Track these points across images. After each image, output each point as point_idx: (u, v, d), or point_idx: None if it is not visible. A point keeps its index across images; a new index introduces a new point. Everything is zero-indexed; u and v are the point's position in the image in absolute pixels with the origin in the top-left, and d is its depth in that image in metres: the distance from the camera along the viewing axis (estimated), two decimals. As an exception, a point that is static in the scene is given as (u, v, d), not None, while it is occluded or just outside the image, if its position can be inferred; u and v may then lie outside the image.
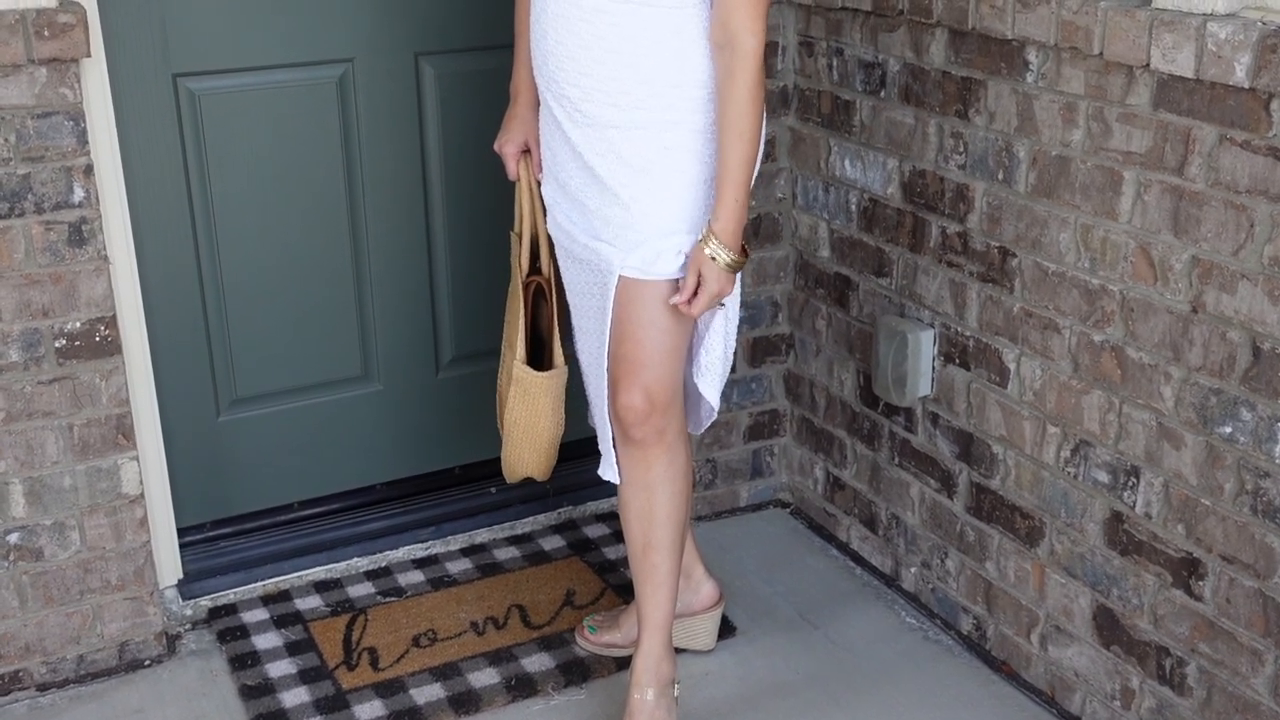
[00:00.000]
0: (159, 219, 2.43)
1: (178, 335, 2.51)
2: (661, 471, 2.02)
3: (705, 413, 2.14)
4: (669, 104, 1.86)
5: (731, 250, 1.86)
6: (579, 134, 1.91)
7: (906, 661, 2.37)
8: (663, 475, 2.02)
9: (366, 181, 2.58)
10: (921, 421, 2.43)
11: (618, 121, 1.87)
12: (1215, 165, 1.79)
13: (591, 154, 1.91)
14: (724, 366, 2.06)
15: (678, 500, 2.05)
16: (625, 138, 1.88)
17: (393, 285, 2.66)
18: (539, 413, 2.12)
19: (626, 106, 1.86)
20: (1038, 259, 2.11)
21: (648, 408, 1.96)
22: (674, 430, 2.02)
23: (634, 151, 1.88)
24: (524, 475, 2.22)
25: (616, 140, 1.89)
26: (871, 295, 2.51)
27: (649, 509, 2.04)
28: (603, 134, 1.89)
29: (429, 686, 2.29)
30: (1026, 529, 2.23)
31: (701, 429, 2.17)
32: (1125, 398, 2.00)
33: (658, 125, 1.87)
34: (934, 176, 2.30)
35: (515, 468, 2.20)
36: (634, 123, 1.87)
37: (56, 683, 2.33)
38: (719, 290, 1.88)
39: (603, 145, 1.90)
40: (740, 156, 1.83)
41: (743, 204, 1.86)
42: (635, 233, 1.91)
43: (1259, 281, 1.76)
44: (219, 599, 2.54)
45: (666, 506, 2.04)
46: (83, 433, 2.25)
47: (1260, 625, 1.85)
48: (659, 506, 2.03)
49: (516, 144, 2.14)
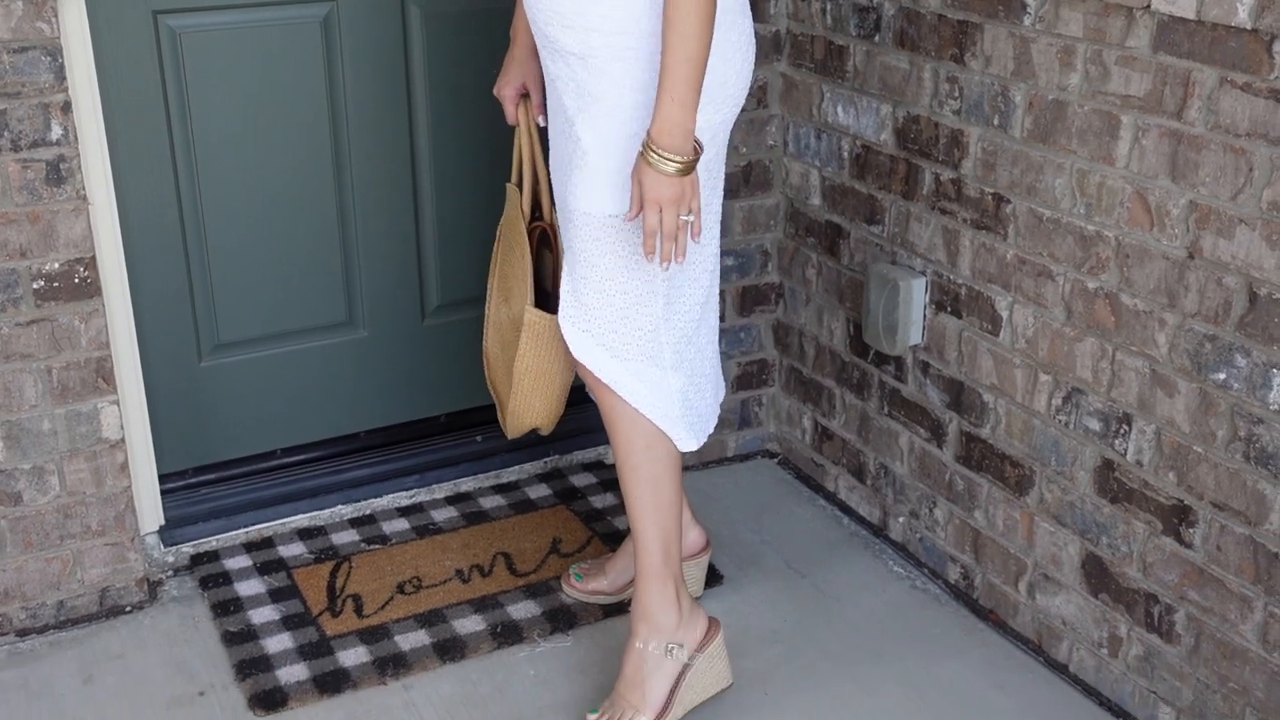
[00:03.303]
0: (139, 159, 2.39)
1: (159, 278, 2.47)
2: (609, 421, 1.99)
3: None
4: (620, 28, 1.76)
5: (668, 152, 1.73)
6: (551, 66, 1.87)
7: (893, 610, 2.37)
8: (609, 424, 2.00)
9: (351, 123, 2.54)
10: (912, 370, 2.42)
11: (575, 48, 1.80)
12: (1215, 108, 1.77)
13: (561, 83, 1.86)
14: (644, 349, 1.94)
15: (626, 450, 1.99)
16: (583, 65, 1.81)
17: (378, 230, 2.63)
18: (551, 358, 2.08)
19: (580, 29, 1.78)
20: (1032, 205, 2.09)
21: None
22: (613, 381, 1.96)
23: (590, 79, 1.81)
24: (530, 427, 2.18)
25: (577, 69, 1.82)
26: (863, 243, 2.49)
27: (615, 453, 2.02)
28: (567, 62, 1.83)
29: (414, 633, 2.27)
30: (1016, 478, 2.22)
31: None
32: (1118, 345, 1.98)
33: (612, 51, 1.78)
34: (928, 122, 2.27)
35: (523, 418, 2.16)
36: (589, 48, 1.79)
37: (36, 628, 2.30)
38: (656, 196, 1.75)
39: (567, 73, 1.84)
40: (679, 55, 1.70)
41: (682, 106, 1.72)
42: (585, 161, 1.84)
43: (1257, 226, 1.74)
44: (201, 545, 2.51)
45: (619, 454, 2.01)
46: (62, 376, 2.21)
47: (1250, 572, 1.85)
48: (616, 452, 2.02)
49: (514, 87, 2.09)
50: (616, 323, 1.93)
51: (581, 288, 1.92)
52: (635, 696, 2.01)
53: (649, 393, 1.96)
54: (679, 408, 1.99)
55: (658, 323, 1.94)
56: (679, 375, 1.99)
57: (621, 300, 1.91)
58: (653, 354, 1.95)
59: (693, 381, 2.02)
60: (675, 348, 1.97)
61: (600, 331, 1.93)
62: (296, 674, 2.17)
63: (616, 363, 1.94)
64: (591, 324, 1.93)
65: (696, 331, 2.01)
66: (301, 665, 2.19)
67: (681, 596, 2.03)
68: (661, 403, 1.97)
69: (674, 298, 1.95)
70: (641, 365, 1.95)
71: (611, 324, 1.93)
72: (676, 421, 1.99)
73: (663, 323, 1.94)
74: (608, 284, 1.90)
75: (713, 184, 1.96)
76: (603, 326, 1.93)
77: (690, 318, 1.99)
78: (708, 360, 2.07)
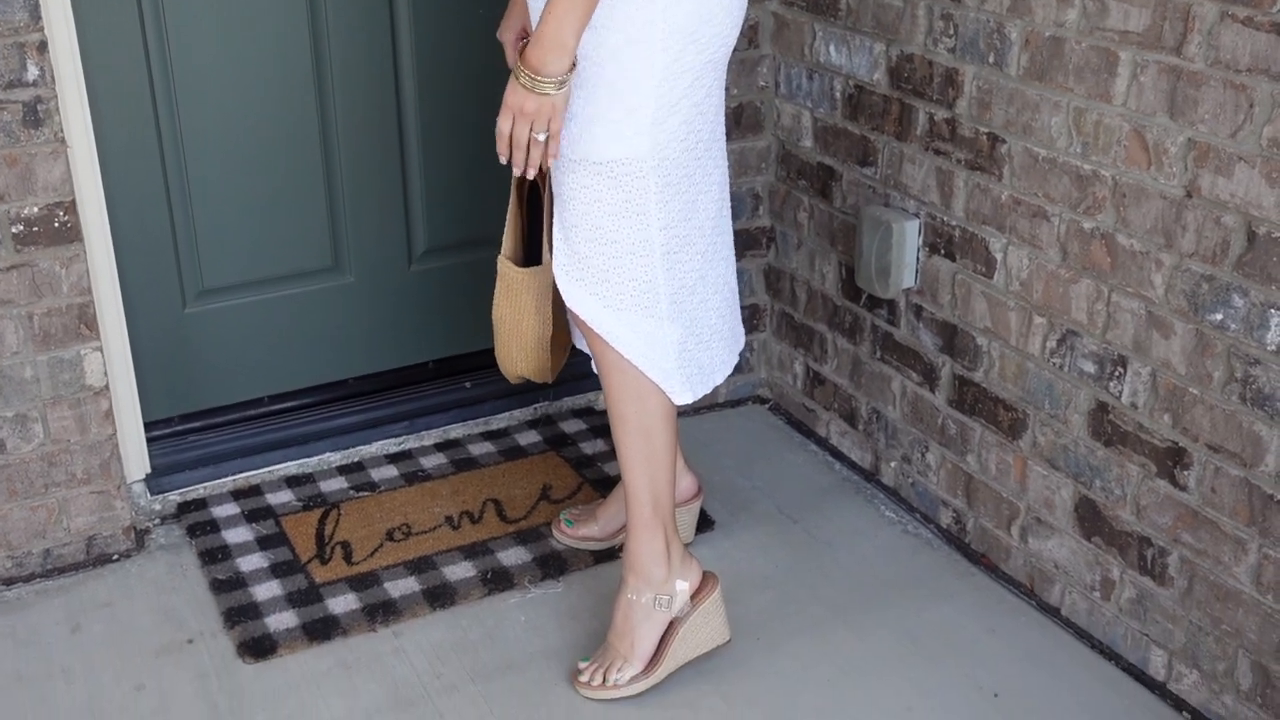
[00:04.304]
0: (118, 101, 2.34)
1: (141, 223, 2.43)
2: (601, 370, 1.97)
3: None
4: None
5: (527, 68, 1.72)
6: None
7: (885, 556, 2.36)
8: (601, 374, 1.97)
9: (335, 64, 2.49)
10: (904, 314, 2.40)
11: None
12: (1215, 43, 1.74)
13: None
14: (638, 300, 1.90)
15: (617, 401, 1.97)
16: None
17: (363, 173, 2.58)
18: (522, 310, 2.06)
19: None
20: (1028, 145, 2.05)
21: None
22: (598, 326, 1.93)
23: None
24: (520, 374, 2.15)
25: None
26: (855, 185, 2.45)
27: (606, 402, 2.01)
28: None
29: (403, 580, 2.26)
30: (1009, 421, 2.21)
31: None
32: (1114, 286, 1.96)
33: None
34: (922, 61, 2.23)
35: (507, 366, 2.14)
36: None
37: (22, 577, 2.29)
38: (513, 104, 1.75)
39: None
40: None
41: (554, 28, 1.69)
42: (569, 107, 1.81)
43: (1257, 164, 1.72)
44: (188, 494, 2.49)
45: (610, 404, 1.99)
46: (43, 322, 2.18)
47: (1245, 514, 1.83)
48: (607, 401, 2.00)
49: (514, 31, 2.04)
50: (609, 272, 1.90)
51: (573, 236, 1.89)
52: (624, 647, 2.00)
53: (642, 344, 1.93)
54: (674, 360, 1.96)
55: (654, 273, 1.91)
56: (676, 327, 1.96)
57: (613, 250, 1.88)
58: (647, 305, 1.92)
59: (693, 333, 1.99)
60: (673, 298, 1.94)
61: (593, 281, 1.90)
62: (285, 621, 2.16)
63: (609, 313, 1.92)
64: (584, 273, 1.90)
65: (700, 282, 1.98)
66: (290, 613, 2.18)
67: (673, 549, 2.01)
68: (655, 354, 1.94)
69: (674, 248, 1.91)
70: (635, 316, 1.92)
71: (603, 273, 1.90)
72: (671, 374, 1.96)
73: (661, 273, 1.91)
74: (598, 232, 1.87)
75: (710, 129, 1.92)
76: (595, 276, 1.90)
77: (691, 268, 1.95)
78: (713, 311, 2.03)
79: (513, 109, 1.77)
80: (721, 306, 2.04)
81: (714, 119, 1.93)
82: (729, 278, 2.05)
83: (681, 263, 1.93)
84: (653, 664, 2.00)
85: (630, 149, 1.82)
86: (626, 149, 1.82)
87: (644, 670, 2.00)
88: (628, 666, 2.00)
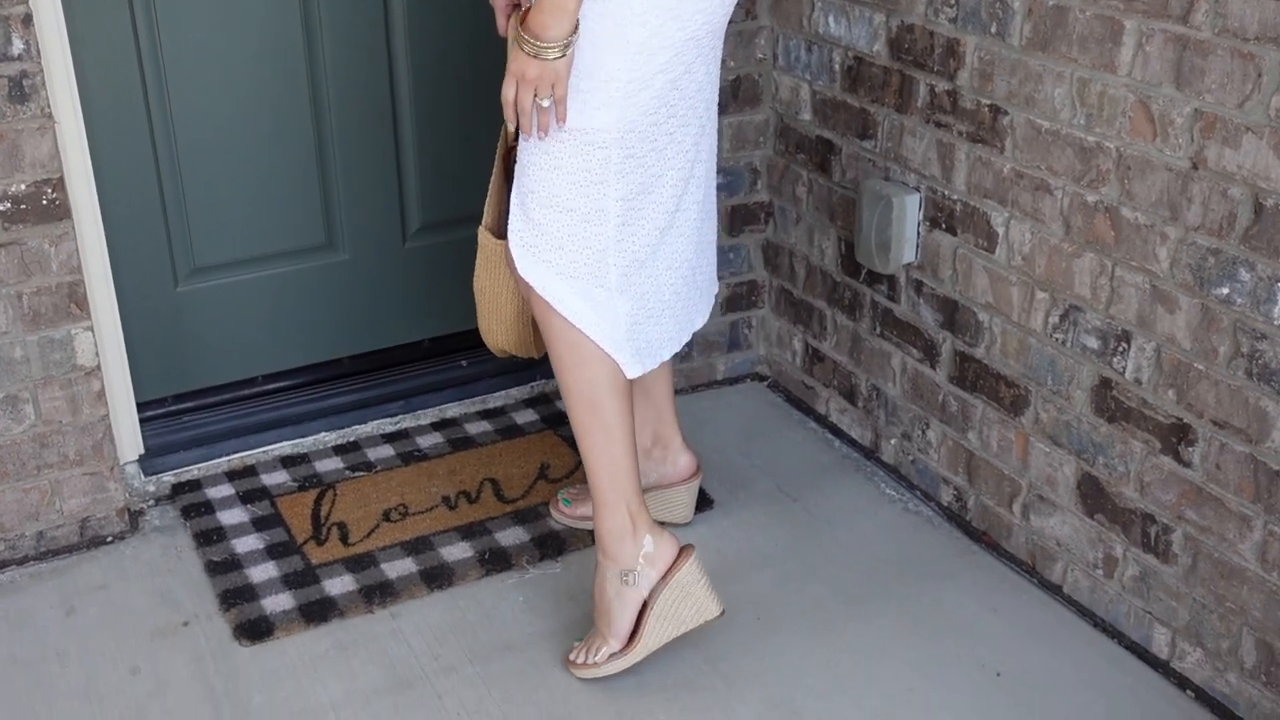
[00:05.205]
0: (106, 75, 2.31)
1: (131, 200, 2.40)
2: (545, 339, 1.95)
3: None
4: None
5: (528, 35, 1.72)
6: None
7: (885, 534, 2.34)
8: (545, 342, 1.95)
9: (326, 35, 2.45)
10: (905, 290, 2.37)
11: None
12: (1223, 11, 1.70)
13: None
14: (590, 269, 1.89)
15: (558, 369, 1.96)
16: None
17: (356, 149, 2.55)
18: (502, 282, 2.04)
19: None
20: (1030, 116, 2.02)
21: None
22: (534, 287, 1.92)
23: None
24: (503, 348, 2.13)
25: None
26: (855, 159, 2.42)
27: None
28: None
29: (400, 561, 2.24)
30: (1011, 398, 2.18)
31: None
32: (1118, 260, 1.93)
33: None
34: (923, 31, 2.19)
35: (489, 339, 2.13)
36: None
37: (16, 560, 2.27)
38: (517, 70, 1.74)
39: None
40: None
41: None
42: None
43: (1264, 135, 1.69)
44: (182, 474, 2.47)
45: (556, 373, 1.97)
46: (33, 301, 2.15)
47: (1250, 491, 1.81)
48: (554, 370, 1.98)
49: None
50: (564, 239, 1.88)
51: (529, 201, 1.88)
52: (604, 625, 1.98)
53: (593, 314, 1.91)
54: (625, 331, 1.94)
55: (607, 243, 1.89)
56: (625, 299, 1.93)
57: (568, 218, 1.86)
58: (598, 274, 1.90)
59: (644, 307, 1.97)
60: (623, 271, 1.92)
61: (546, 248, 1.89)
62: (282, 603, 2.14)
63: (562, 280, 1.90)
64: (539, 240, 1.89)
65: (651, 257, 1.95)
66: (287, 594, 2.16)
67: (638, 524, 1.96)
68: (606, 324, 1.92)
69: (629, 220, 1.89)
70: (588, 285, 1.90)
71: (558, 240, 1.88)
72: (621, 345, 1.93)
73: (613, 244, 1.89)
74: (555, 200, 1.86)
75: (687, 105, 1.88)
76: (549, 243, 1.88)
77: (644, 243, 1.93)
78: (666, 287, 2.00)
79: (516, 75, 1.76)
80: (676, 283, 2.02)
81: (693, 95, 1.89)
82: (691, 256, 2.02)
83: (634, 235, 1.91)
84: (630, 642, 1.97)
85: (597, 120, 1.81)
86: (593, 120, 1.81)
87: (621, 649, 1.97)
88: (604, 646, 1.97)
